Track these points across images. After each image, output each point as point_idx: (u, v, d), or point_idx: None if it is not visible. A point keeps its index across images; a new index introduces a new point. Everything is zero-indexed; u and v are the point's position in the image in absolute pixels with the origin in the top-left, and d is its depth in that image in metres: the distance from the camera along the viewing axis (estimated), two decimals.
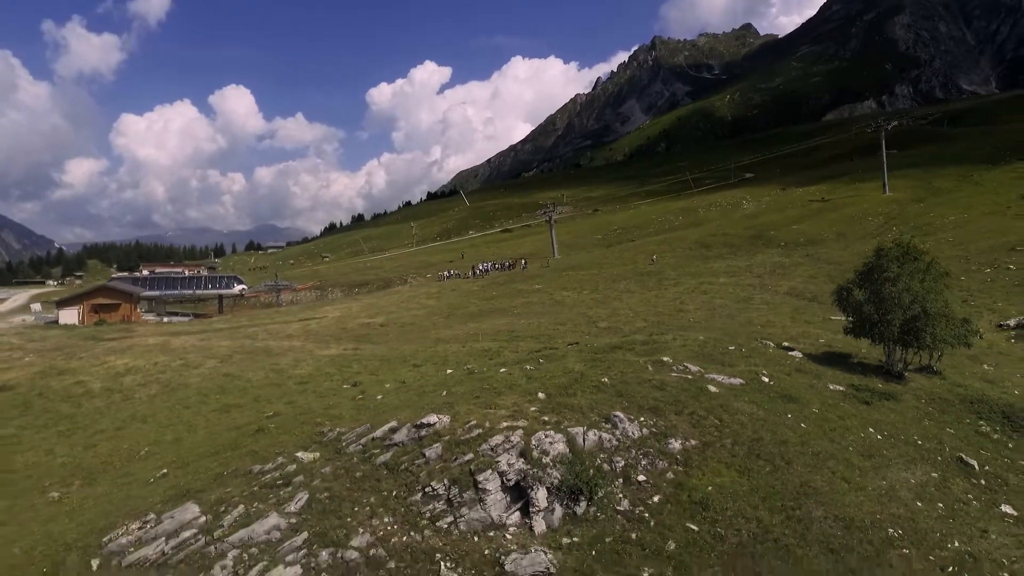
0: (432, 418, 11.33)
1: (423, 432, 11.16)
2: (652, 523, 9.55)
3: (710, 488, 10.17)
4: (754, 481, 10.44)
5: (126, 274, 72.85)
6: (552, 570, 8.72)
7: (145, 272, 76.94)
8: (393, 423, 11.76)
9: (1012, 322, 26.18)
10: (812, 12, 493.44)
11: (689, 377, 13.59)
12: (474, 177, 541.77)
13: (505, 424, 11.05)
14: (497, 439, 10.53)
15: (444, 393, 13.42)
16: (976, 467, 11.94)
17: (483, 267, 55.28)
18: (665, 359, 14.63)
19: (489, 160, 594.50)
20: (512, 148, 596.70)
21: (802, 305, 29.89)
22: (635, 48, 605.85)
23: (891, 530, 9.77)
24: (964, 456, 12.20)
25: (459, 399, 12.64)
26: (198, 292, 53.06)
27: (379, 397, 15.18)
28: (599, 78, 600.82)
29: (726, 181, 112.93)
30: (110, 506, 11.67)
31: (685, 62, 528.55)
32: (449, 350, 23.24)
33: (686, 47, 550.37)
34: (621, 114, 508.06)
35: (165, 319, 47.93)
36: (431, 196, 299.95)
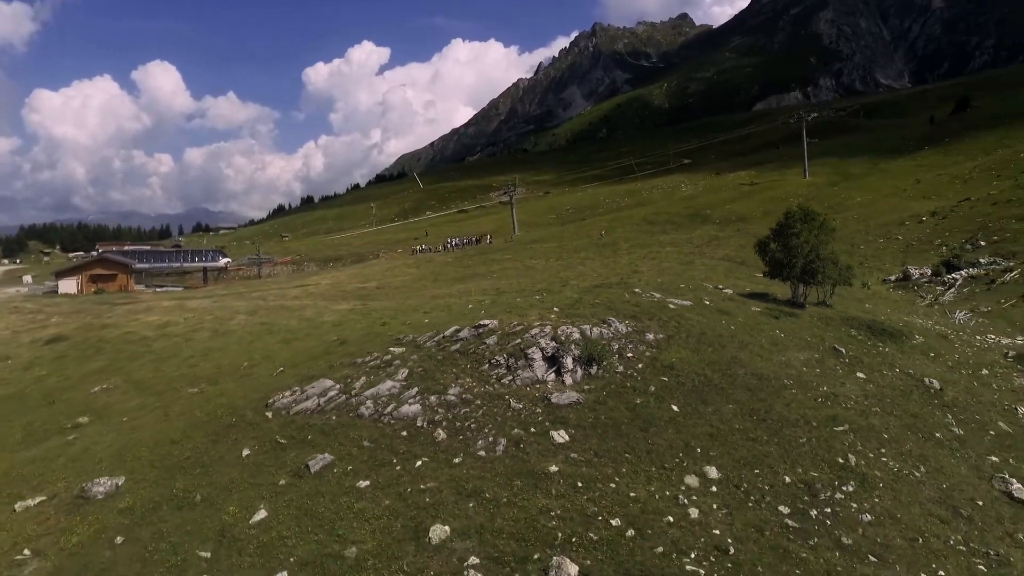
0: (486, 321, 16.31)
1: (480, 330, 16.12)
2: (638, 377, 14.87)
3: (674, 359, 15.57)
4: (701, 356, 15.92)
5: (114, 248, 73.27)
6: (580, 401, 13.90)
7: (114, 248, 77.34)
8: (455, 327, 16.66)
9: (892, 277, 33.15)
10: (744, 4, 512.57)
11: (655, 299, 19.03)
12: (417, 161, 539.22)
13: (537, 324, 16.13)
14: (535, 330, 15.61)
15: (482, 312, 18.36)
16: (844, 352, 17.88)
17: (452, 242, 59.95)
18: (636, 290, 20.04)
19: (432, 144, 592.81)
20: (455, 132, 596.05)
21: (734, 267, 36.12)
22: (576, 34, 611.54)
23: (786, 381, 15.44)
24: (836, 346, 18.14)
25: (496, 314, 17.62)
26: (185, 265, 55.22)
27: (426, 320, 19.96)
28: (541, 63, 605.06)
29: (666, 166, 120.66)
30: (251, 390, 16.11)
31: (624, 49, 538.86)
32: (452, 301, 27.99)
33: (625, 34, 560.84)
34: (563, 99, 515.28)
35: (157, 290, 50.27)
36: (380, 179, 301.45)
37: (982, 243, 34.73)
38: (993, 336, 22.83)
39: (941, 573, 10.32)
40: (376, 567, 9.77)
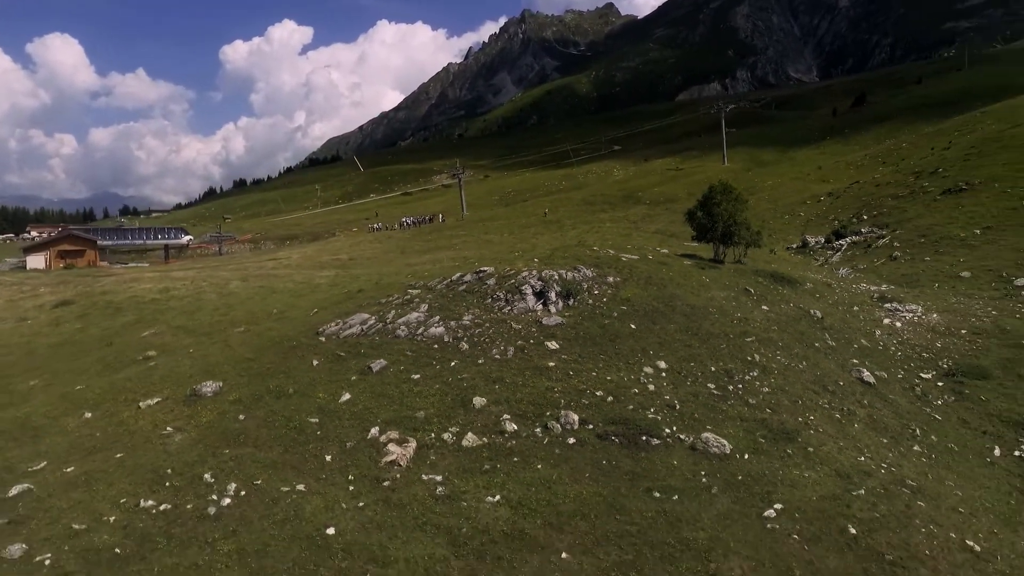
0: (485, 268, 20.67)
1: (481, 275, 20.46)
2: (604, 307, 19.64)
3: (629, 295, 20.46)
4: (649, 292, 20.89)
5: (77, 227, 71.28)
6: (563, 322, 18.52)
7: (53, 230, 75.41)
8: (459, 273, 20.92)
9: (794, 245, 39.68)
10: None
11: (611, 255, 23.89)
12: (345, 144, 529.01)
13: (525, 270, 20.63)
14: (524, 274, 20.11)
15: (475, 263, 22.65)
16: (753, 292, 23.34)
17: (407, 221, 63.30)
18: (594, 248, 24.86)
19: (361, 127, 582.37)
20: (384, 116, 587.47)
21: (666, 238, 41.71)
22: (506, 20, 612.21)
23: (711, 309, 20.61)
24: (748, 288, 23.60)
25: (489, 264, 21.96)
26: (147, 242, 55.81)
27: (427, 272, 24.02)
28: (471, 48, 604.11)
29: (598, 152, 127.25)
30: (295, 326, 19.80)
31: (553, 37, 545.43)
32: (428, 268, 31.97)
33: (554, 22, 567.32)
34: (493, 85, 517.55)
35: (125, 266, 51.16)
36: (313, 162, 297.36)
37: (864, 217, 41.85)
38: (865, 285, 29.17)
39: (812, 418, 15.63)
40: (440, 422, 14.11)
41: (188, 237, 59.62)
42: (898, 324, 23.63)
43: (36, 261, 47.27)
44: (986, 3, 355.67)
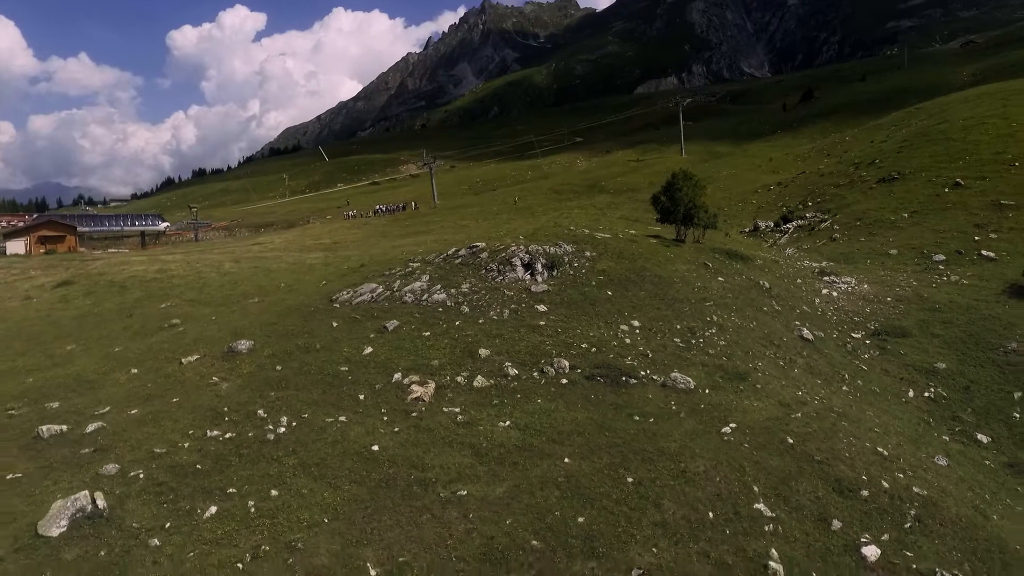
0: (478, 243, 23.16)
1: (474, 249, 22.95)
2: (584, 277, 22.38)
3: (605, 267, 23.26)
4: (622, 265, 23.72)
5: (54, 214, 69.66)
6: (549, 289, 21.19)
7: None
8: (454, 248, 23.35)
9: (746, 229, 43.30)
10: None
11: (586, 233, 26.65)
12: (304, 134, 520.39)
13: (513, 245, 23.19)
14: (513, 248, 22.68)
15: (465, 241, 25.11)
16: (711, 266, 26.45)
17: (381, 208, 64.99)
18: (571, 228, 27.61)
19: (319, 117, 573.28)
20: (343, 105, 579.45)
21: (630, 222, 44.76)
22: (465, 11, 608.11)
23: (675, 279, 23.58)
24: (707, 263, 26.71)
25: (480, 241, 24.44)
26: (125, 229, 55.93)
27: (420, 251, 26.33)
28: (431, 38, 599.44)
29: (560, 144, 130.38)
30: (308, 296, 21.93)
31: (513, 28, 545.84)
32: (412, 250, 34.20)
33: (514, 13, 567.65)
34: (454, 76, 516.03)
35: (103, 252, 51.50)
36: (275, 152, 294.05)
37: (809, 204, 45.81)
38: (808, 262, 32.76)
39: (760, 364, 18.69)
40: (452, 368, 16.62)
41: (165, 224, 59.95)
42: (834, 294, 27.12)
43: (16, 246, 47.43)
44: (926, 3, 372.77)
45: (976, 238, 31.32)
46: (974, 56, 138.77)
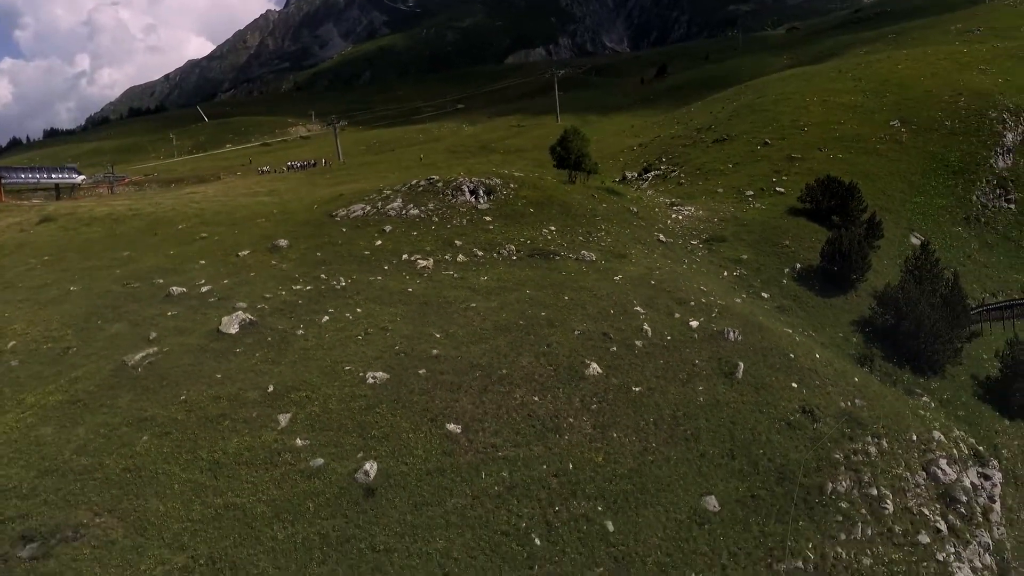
0: (434, 176, 31.03)
1: (431, 181, 30.79)
2: (512, 200, 31.03)
3: (524, 194, 32.04)
4: (536, 193, 32.64)
5: None
6: (490, 208, 29.67)
7: None
8: (415, 180, 31.02)
9: (617, 179, 54.20)
10: None
11: (505, 172, 35.29)
12: (151, 95, 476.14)
13: (460, 177, 31.31)
14: (461, 180, 30.82)
15: (411, 178, 32.77)
16: (596, 197, 36.17)
17: (294, 164, 68.80)
18: (494, 168, 36.11)
19: (167, 76, 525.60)
20: (194, 64, 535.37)
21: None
22: None
23: (575, 205, 32.94)
24: (593, 195, 36.47)
25: (435, 175, 32.25)
26: (41, 180, 54.85)
27: (380, 184, 33.51)
28: None
29: (443, 110, 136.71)
30: (307, 215, 28.68)
31: None
32: (361, 187, 40.82)
33: None
34: (319, 37, 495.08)
35: (29, 203, 51.57)
36: (134, 112, 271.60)
37: (663, 159, 57.61)
38: (663, 199, 43.75)
39: (633, 251, 28.58)
40: (440, 251, 24.77)
41: (81, 177, 59.36)
42: (680, 217, 38.01)
43: None
44: None
45: (773, 180, 43.83)
46: (794, 42, 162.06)
